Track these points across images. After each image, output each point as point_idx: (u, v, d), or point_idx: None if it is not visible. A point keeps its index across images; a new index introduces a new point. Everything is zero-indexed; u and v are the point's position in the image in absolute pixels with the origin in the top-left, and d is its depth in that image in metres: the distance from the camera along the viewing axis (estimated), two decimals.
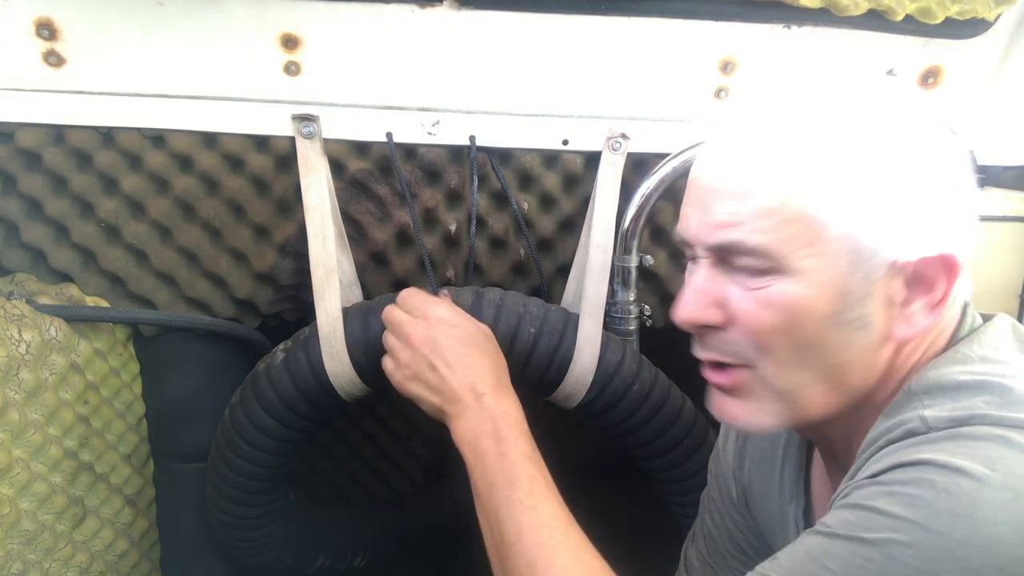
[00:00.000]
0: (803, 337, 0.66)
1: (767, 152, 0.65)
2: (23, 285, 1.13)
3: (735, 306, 0.67)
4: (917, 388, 0.65)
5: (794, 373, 0.67)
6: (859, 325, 0.65)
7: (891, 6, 1.09)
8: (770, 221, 0.64)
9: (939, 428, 0.60)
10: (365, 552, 1.48)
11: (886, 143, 0.64)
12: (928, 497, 0.56)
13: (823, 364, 0.67)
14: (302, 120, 1.10)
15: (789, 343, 0.66)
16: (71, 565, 1.14)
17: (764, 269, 0.65)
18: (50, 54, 1.09)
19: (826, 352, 0.66)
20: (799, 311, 0.65)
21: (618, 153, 1.16)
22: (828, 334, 0.65)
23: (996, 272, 1.17)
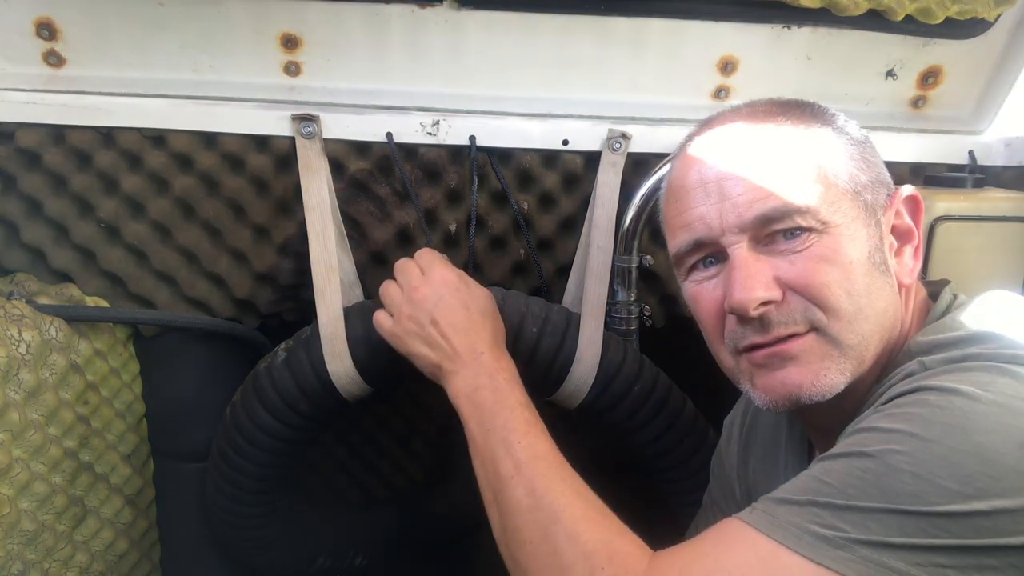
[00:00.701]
0: (857, 284, 0.70)
1: (767, 130, 0.74)
2: (23, 285, 1.13)
3: (788, 273, 0.70)
4: (915, 349, 0.70)
5: (858, 323, 0.70)
6: (884, 269, 0.72)
7: (891, 6, 1.09)
8: (799, 183, 0.70)
9: (934, 365, 0.65)
10: (365, 552, 1.48)
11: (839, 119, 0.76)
12: (923, 412, 0.59)
13: (875, 311, 0.71)
14: (302, 120, 1.10)
15: (847, 292, 0.70)
16: (71, 565, 1.14)
17: (803, 228, 0.70)
18: (50, 54, 1.09)
19: (874, 297, 0.71)
20: (848, 257, 0.70)
21: (618, 153, 1.16)
22: (871, 278, 0.71)
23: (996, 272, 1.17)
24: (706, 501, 1.03)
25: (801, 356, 0.71)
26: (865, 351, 0.71)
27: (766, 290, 0.70)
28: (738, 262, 0.71)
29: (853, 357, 0.71)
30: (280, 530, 1.29)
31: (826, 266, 0.69)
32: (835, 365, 0.70)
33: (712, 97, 1.21)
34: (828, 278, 0.69)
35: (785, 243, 0.70)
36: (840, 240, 0.70)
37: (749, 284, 0.70)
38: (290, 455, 1.20)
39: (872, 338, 0.71)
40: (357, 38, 1.11)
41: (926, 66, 1.21)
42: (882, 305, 0.72)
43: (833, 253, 0.69)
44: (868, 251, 0.71)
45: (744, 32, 1.15)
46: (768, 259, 0.71)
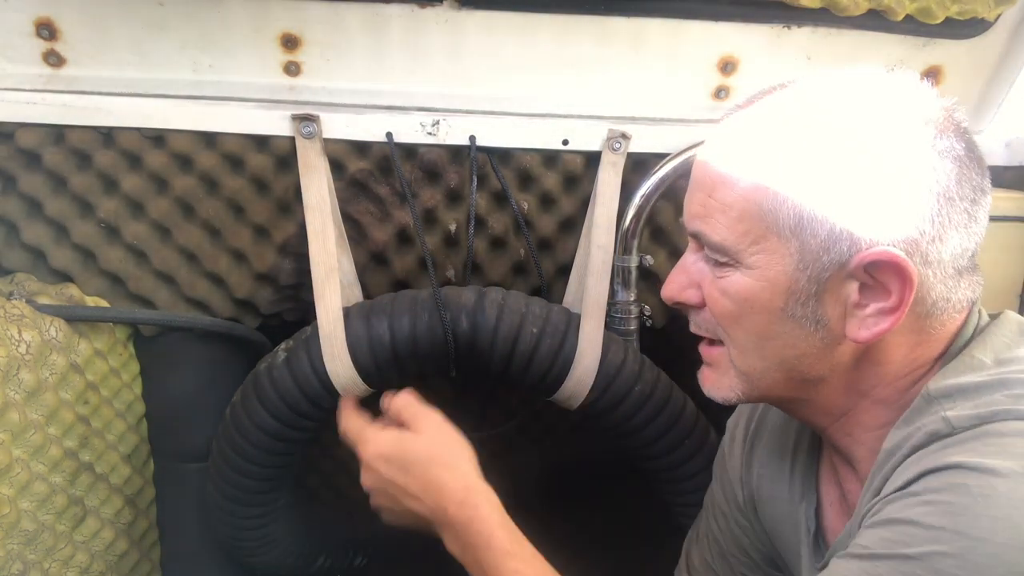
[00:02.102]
0: (756, 326, 0.69)
1: (730, 152, 0.69)
2: (23, 285, 1.13)
3: (705, 290, 0.73)
4: (936, 392, 0.65)
5: (751, 358, 0.72)
6: (811, 322, 0.67)
7: (891, 6, 1.09)
8: (727, 217, 0.68)
9: (964, 427, 0.60)
10: (365, 552, 1.48)
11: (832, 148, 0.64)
12: (965, 503, 0.55)
13: (777, 354, 0.70)
14: (302, 120, 1.10)
15: (744, 331, 0.70)
16: (71, 565, 1.14)
17: (723, 261, 0.69)
18: (50, 54, 1.09)
19: (778, 344, 0.69)
20: (750, 302, 0.68)
21: (618, 153, 1.16)
22: (779, 327, 0.68)
23: (996, 272, 1.17)
24: (707, 503, 1.02)
25: (713, 363, 0.76)
26: (759, 381, 0.72)
27: (680, 292, 0.75)
28: (681, 260, 0.76)
29: (744, 381, 0.73)
30: (280, 530, 1.29)
31: (728, 302, 0.70)
32: (728, 381, 0.74)
33: (712, 97, 1.21)
34: (727, 312, 0.70)
35: (713, 264, 0.71)
36: (749, 284, 0.68)
37: (671, 284, 0.75)
38: (290, 455, 1.20)
39: (770, 374, 0.71)
40: (357, 38, 1.11)
41: (926, 66, 1.21)
42: (793, 353, 0.69)
43: (738, 292, 0.69)
44: (784, 303, 0.67)
45: (744, 32, 1.15)
46: (704, 266, 0.73)
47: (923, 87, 0.69)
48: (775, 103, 0.70)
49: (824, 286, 0.65)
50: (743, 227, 0.67)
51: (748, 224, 0.66)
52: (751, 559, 0.95)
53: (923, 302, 0.66)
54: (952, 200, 0.63)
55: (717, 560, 0.99)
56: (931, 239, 0.63)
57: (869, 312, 0.65)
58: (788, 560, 0.89)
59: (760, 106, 0.70)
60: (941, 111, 0.66)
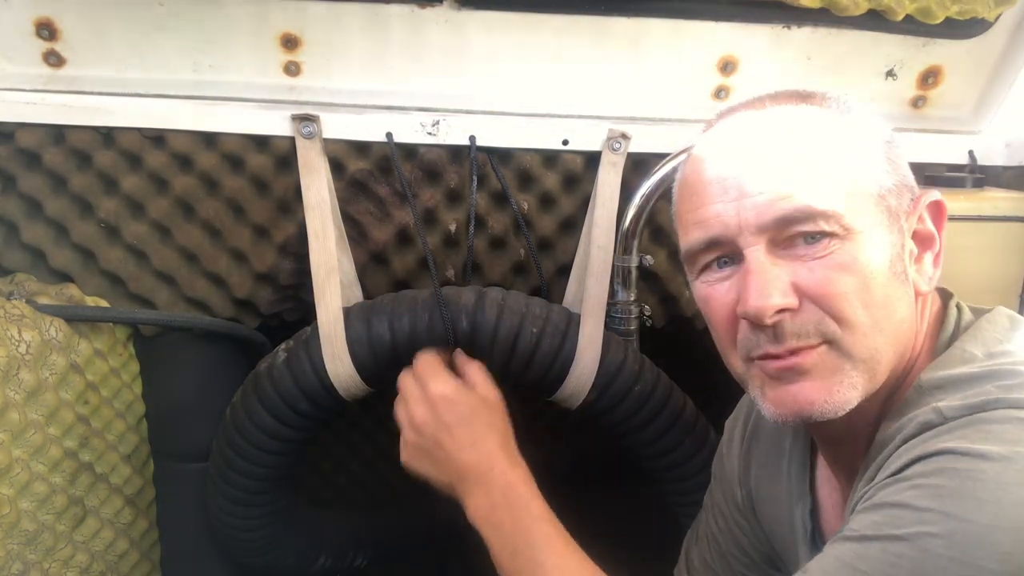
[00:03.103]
0: (875, 295, 0.67)
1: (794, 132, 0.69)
2: (23, 285, 1.13)
3: (807, 281, 0.66)
4: (927, 384, 0.66)
5: (873, 338, 0.67)
6: (903, 278, 0.70)
7: (891, 6, 1.09)
8: (825, 184, 0.67)
9: (955, 417, 0.61)
10: (366, 552, 1.48)
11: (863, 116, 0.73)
12: (953, 485, 0.56)
13: (892, 323, 0.68)
14: (302, 120, 1.10)
15: (864, 304, 0.66)
16: (71, 565, 1.14)
17: (824, 232, 0.66)
18: (50, 54, 1.09)
19: (891, 309, 0.68)
20: (870, 268, 0.67)
21: (618, 153, 1.16)
22: (891, 289, 0.68)
23: (996, 272, 1.17)
24: (707, 503, 1.03)
25: (813, 370, 0.68)
26: (877, 364, 0.68)
27: (783, 297, 0.66)
28: (755, 266, 0.67)
29: (865, 371, 0.68)
30: (280, 530, 1.29)
31: (846, 276, 0.66)
32: (847, 379, 0.67)
33: (712, 97, 1.21)
34: (846, 288, 0.66)
35: (805, 247, 0.66)
36: (862, 248, 0.66)
37: (766, 291, 0.66)
38: (290, 455, 1.20)
39: (886, 351, 0.68)
40: (357, 38, 1.11)
41: (926, 66, 1.22)
42: (899, 317, 0.68)
43: (854, 262, 0.66)
44: (890, 260, 0.68)
45: (744, 32, 1.15)
46: (786, 263, 0.67)
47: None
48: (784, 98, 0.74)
49: (904, 239, 0.70)
50: (843, 191, 0.67)
51: (846, 187, 0.67)
52: (750, 558, 0.95)
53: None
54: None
55: (716, 559, 0.99)
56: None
57: (925, 263, 0.73)
58: (786, 560, 0.89)
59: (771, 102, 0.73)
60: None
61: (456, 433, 0.93)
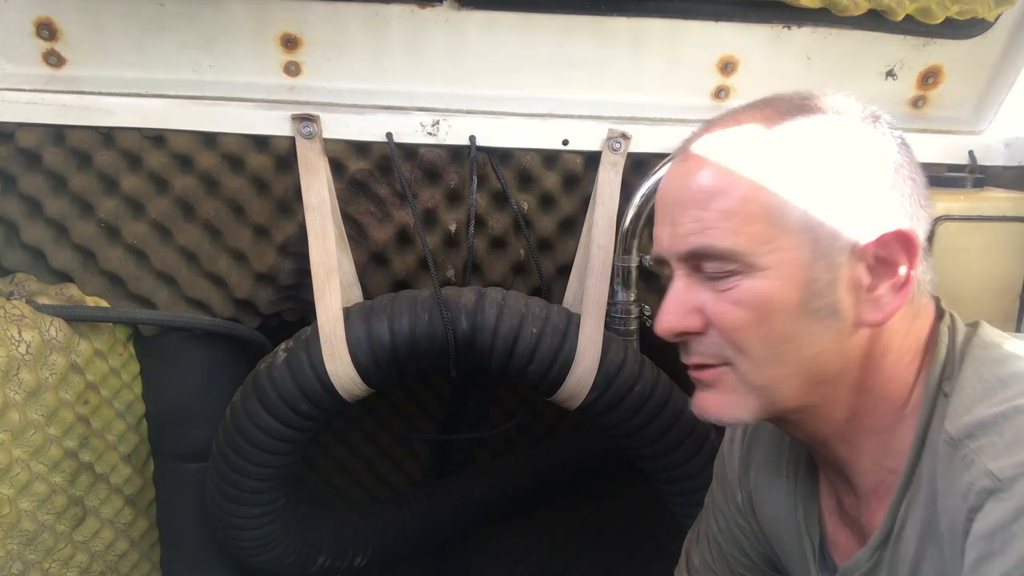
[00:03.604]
0: (775, 331, 0.68)
1: (722, 160, 0.69)
2: (23, 285, 1.13)
3: (710, 309, 0.70)
4: (958, 435, 0.64)
5: (769, 368, 0.70)
6: (827, 313, 0.67)
7: (891, 6, 1.09)
8: (731, 223, 0.67)
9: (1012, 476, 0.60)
10: (365, 552, 1.48)
11: (825, 137, 0.68)
12: None
13: (796, 357, 0.69)
14: (302, 120, 1.10)
15: (762, 338, 0.69)
16: (71, 565, 1.14)
17: (731, 270, 0.68)
18: (50, 54, 1.09)
19: (797, 345, 0.68)
20: (768, 305, 0.67)
21: (618, 153, 1.16)
22: (798, 325, 0.68)
23: (996, 272, 1.17)
24: (708, 503, 1.02)
25: (716, 385, 0.73)
26: (775, 392, 0.71)
27: (681, 321, 0.72)
28: (671, 290, 0.73)
29: (760, 397, 0.71)
30: (280, 530, 1.29)
31: (742, 311, 0.68)
32: (740, 400, 0.72)
33: (712, 97, 1.21)
34: (742, 323, 0.68)
35: (714, 279, 0.70)
36: (765, 286, 0.67)
37: (669, 315, 0.72)
38: (290, 455, 1.20)
39: (788, 382, 0.70)
40: (357, 38, 1.11)
41: (926, 66, 1.21)
42: (812, 351, 0.69)
43: (753, 299, 0.67)
44: (803, 297, 0.67)
45: (744, 32, 1.15)
46: (699, 290, 0.71)
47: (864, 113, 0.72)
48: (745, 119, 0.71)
49: (838, 273, 0.67)
50: (752, 229, 0.67)
51: (757, 225, 0.67)
52: (751, 559, 0.95)
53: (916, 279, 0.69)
54: (915, 182, 0.70)
55: (717, 560, 0.99)
56: (912, 216, 0.68)
57: (881, 292, 0.67)
58: (786, 562, 0.89)
59: (730, 124, 0.71)
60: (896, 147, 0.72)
61: None
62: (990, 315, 1.22)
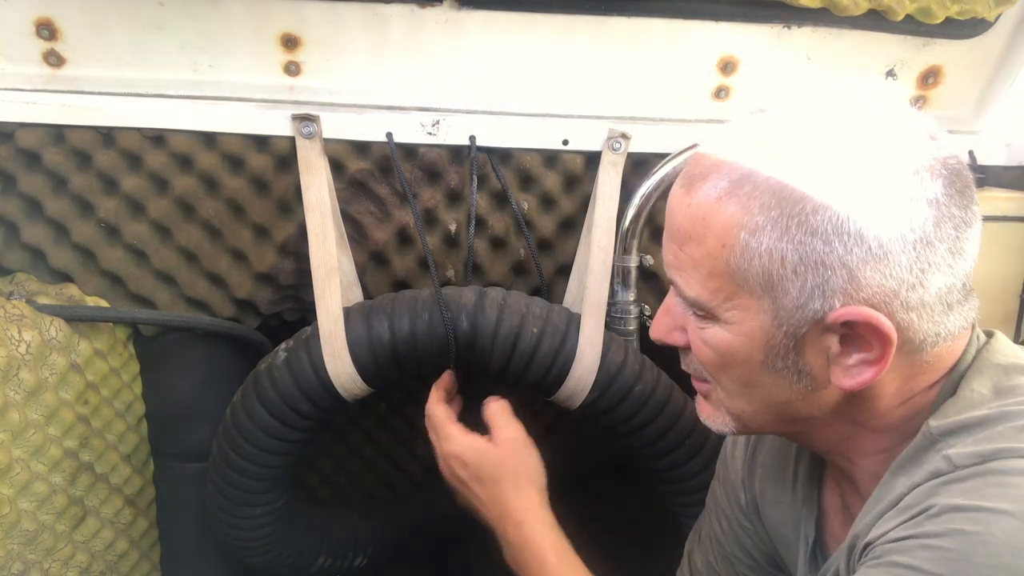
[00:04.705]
0: (739, 376, 0.69)
1: (696, 206, 0.65)
2: (23, 285, 1.13)
3: (690, 335, 0.72)
4: (937, 431, 0.64)
5: (739, 401, 0.72)
6: (792, 372, 0.66)
7: (891, 6, 1.09)
8: (698, 273, 0.66)
9: (964, 465, 0.59)
10: (365, 552, 1.48)
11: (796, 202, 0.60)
12: (964, 550, 0.54)
13: (763, 400, 0.70)
14: (302, 120, 1.10)
15: (729, 378, 0.71)
16: (71, 565, 1.14)
17: (701, 314, 0.69)
18: (50, 54, 1.09)
19: (764, 391, 0.69)
20: (730, 355, 0.68)
21: (618, 153, 1.16)
22: (762, 377, 0.68)
23: (996, 272, 1.17)
24: (710, 504, 1.02)
25: (706, 396, 0.77)
26: (749, 420, 0.73)
27: (667, 336, 0.75)
28: (665, 301, 0.75)
29: (735, 418, 0.74)
30: (280, 530, 1.29)
31: (710, 351, 0.69)
32: (721, 417, 0.75)
33: (712, 97, 1.21)
34: (709, 361, 0.70)
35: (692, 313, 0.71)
36: (728, 338, 0.67)
37: (657, 326, 0.75)
38: (290, 455, 1.20)
39: (762, 416, 0.72)
40: (357, 38, 1.11)
41: (926, 66, 1.21)
42: (780, 399, 0.69)
43: (718, 344, 0.68)
44: (764, 357, 0.66)
45: (744, 32, 1.15)
46: (687, 311, 0.72)
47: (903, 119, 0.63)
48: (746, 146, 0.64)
49: (802, 340, 0.64)
50: (714, 284, 0.65)
51: (719, 282, 0.65)
52: (754, 560, 0.95)
53: (910, 343, 0.63)
54: (931, 244, 0.59)
55: (720, 561, 0.98)
56: (911, 286, 0.60)
57: (852, 362, 0.64)
58: (789, 563, 0.89)
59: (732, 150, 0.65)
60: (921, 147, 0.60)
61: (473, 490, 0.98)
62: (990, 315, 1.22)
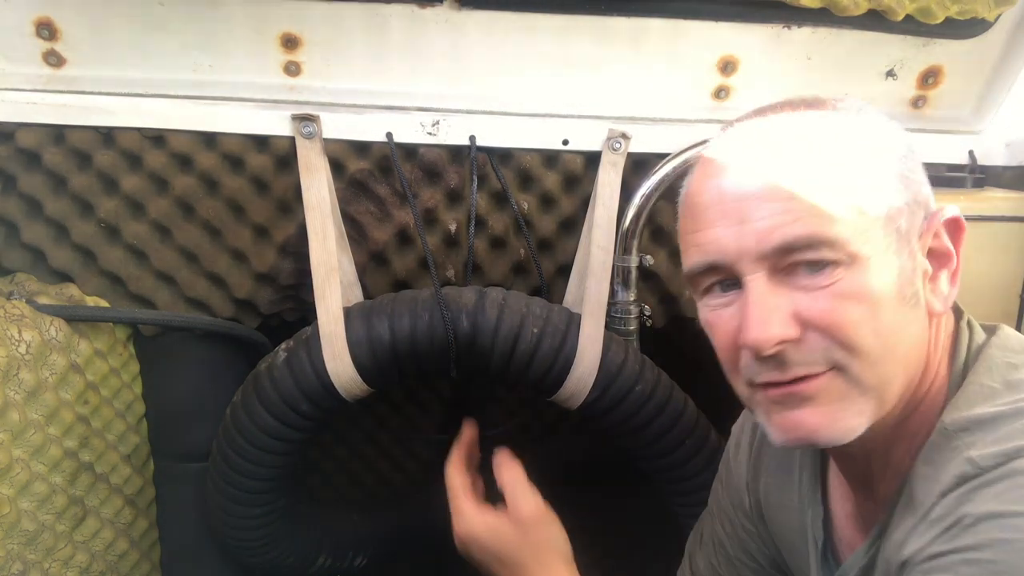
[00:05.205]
0: (884, 322, 0.63)
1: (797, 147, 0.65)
2: (23, 285, 1.13)
3: (810, 310, 0.63)
4: (952, 426, 0.63)
5: (884, 365, 0.64)
6: (915, 302, 0.66)
7: (891, 6, 1.09)
8: (829, 211, 0.62)
9: (989, 467, 0.59)
10: (366, 552, 1.48)
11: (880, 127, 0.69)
12: (1009, 560, 0.54)
13: (904, 349, 0.65)
14: (302, 120, 1.10)
15: (875, 333, 0.63)
16: (71, 565, 1.14)
17: (829, 261, 0.63)
18: (50, 54, 1.09)
19: (902, 335, 0.65)
20: (876, 295, 0.63)
21: (618, 153, 1.16)
22: (901, 314, 0.65)
23: (996, 272, 1.17)
24: (712, 507, 1.01)
25: (819, 396, 0.65)
26: (887, 391, 0.65)
27: (782, 329, 0.63)
28: (754, 296, 0.64)
29: (874, 398, 0.65)
30: (280, 530, 1.29)
31: (852, 304, 0.62)
32: (854, 407, 0.65)
33: (712, 97, 1.21)
34: (854, 317, 0.62)
35: (807, 276, 0.63)
36: (869, 274, 0.62)
37: (765, 323, 0.63)
38: (290, 455, 1.20)
39: (897, 377, 0.65)
40: (357, 38, 1.11)
41: (926, 66, 1.21)
42: (910, 342, 0.66)
43: (861, 289, 0.62)
44: (899, 285, 0.64)
45: (744, 32, 1.14)
46: (787, 292, 0.64)
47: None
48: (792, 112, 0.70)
49: (915, 261, 0.67)
50: (850, 217, 0.63)
51: (850, 215, 0.63)
52: (757, 563, 0.95)
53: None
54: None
55: (722, 564, 0.98)
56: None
57: (940, 281, 0.68)
58: (794, 567, 0.88)
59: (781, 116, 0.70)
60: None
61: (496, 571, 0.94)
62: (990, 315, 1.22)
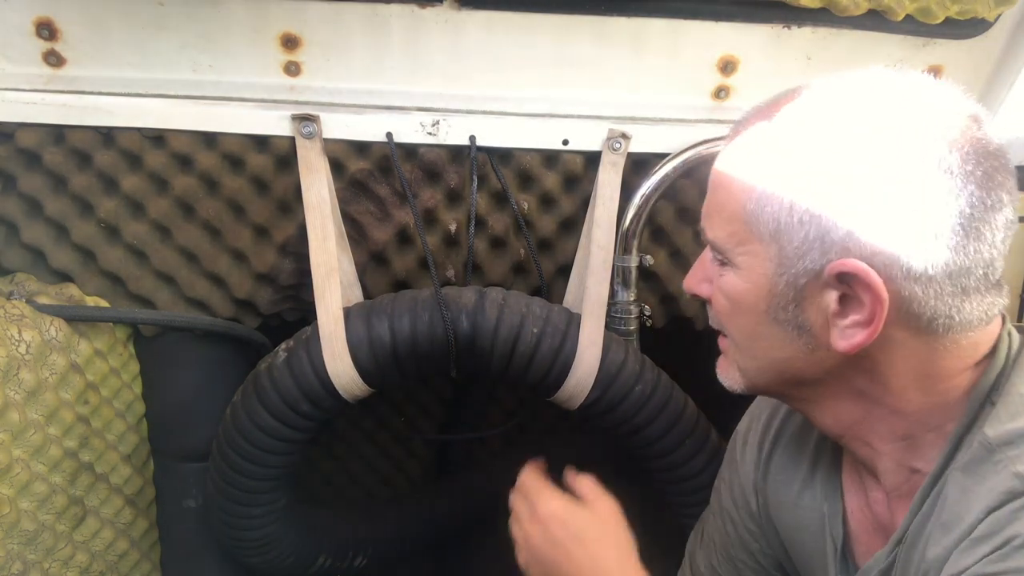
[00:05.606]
0: (745, 326, 0.72)
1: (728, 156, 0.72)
2: (23, 285, 1.13)
3: (711, 285, 0.76)
4: (996, 441, 0.63)
5: (745, 356, 0.74)
6: (793, 327, 0.68)
7: (891, 6, 1.09)
8: (720, 217, 0.71)
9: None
10: (366, 552, 1.48)
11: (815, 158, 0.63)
12: None
13: (765, 355, 0.72)
14: (302, 120, 1.10)
15: (737, 328, 0.73)
16: (71, 565, 1.14)
17: (720, 260, 0.72)
18: (50, 54, 1.09)
19: (765, 344, 0.71)
20: (739, 302, 0.71)
21: (618, 153, 1.16)
22: (764, 329, 0.70)
23: None
24: (714, 507, 1.01)
25: (724, 352, 0.79)
26: (756, 379, 0.75)
27: (696, 286, 0.78)
28: (701, 255, 0.78)
29: (745, 376, 0.76)
30: (280, 530, 1.29)
31: (722, 297, 0.73)
32: (733, 373, 0.77)
33: (712, 97, 1.21)
34: (722, 308, 0.74)
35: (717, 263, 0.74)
36: (738, 284, 0.70)
37: (690, 276, 0.79)
38: (290, 455, 1.20)
39: (766, 373, 0.74)
40: (357, 38, 1.11)
41: (926, 66, 1.21)
42: (782, 355, 0.70)
43: (730, 291, 0.71)
44: (767, 306, 0.68)
45: (744, 32, 1.14)
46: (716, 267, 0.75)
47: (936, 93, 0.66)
48: (782, 112, 0.68)
49: (802, 293, 0.65)
50: (731, 228, 0.69)
51: (735, 226, 0.69)
52: (759, 564, 0.94)
53: (917, 318, 0.63)
54: (937, 214, 0.60)
55: (723, 564, 0.98)
56: (914, 254, 0.60)
57: (847, 323, 0.64)
58: (803, 567, 0.88)
59: (766, 115, 0.69)
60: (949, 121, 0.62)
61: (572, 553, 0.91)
62: None
